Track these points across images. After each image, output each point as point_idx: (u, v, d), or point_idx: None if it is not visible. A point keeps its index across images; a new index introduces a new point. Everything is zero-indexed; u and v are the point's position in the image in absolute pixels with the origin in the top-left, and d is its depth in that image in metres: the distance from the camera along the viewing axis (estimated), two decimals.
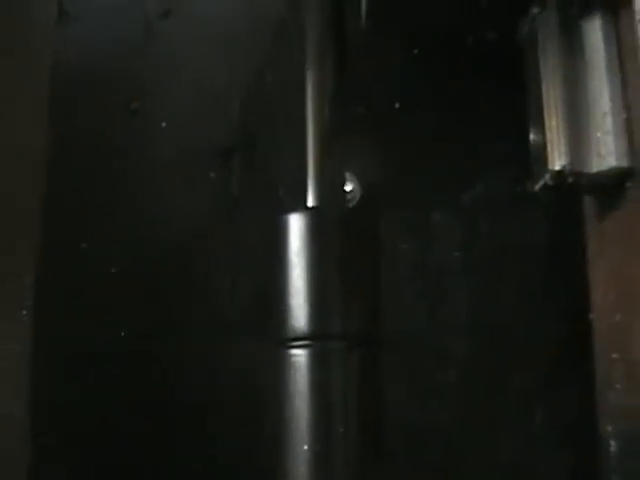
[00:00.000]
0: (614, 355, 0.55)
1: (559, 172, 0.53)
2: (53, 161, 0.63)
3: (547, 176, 0.53)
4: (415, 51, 0.63)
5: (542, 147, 0.55)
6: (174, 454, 0.59)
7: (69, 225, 0.63)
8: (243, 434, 0.58)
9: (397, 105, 0.63)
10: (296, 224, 0.48)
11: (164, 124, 0.64)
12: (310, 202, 0.50)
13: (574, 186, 0.53)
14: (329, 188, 0.50)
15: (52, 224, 0.62)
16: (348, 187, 0.59)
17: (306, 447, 0.45)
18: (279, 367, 0.48)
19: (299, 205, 0.50)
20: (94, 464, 0.59)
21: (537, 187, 0.55)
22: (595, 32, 0.54)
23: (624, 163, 0.52)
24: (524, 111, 0.59)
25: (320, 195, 0.50)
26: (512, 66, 0.60)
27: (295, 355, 0.48)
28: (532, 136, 0.58)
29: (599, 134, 0.53)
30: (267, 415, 0.56)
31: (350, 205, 0.57)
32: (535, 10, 0.57)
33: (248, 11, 0.66)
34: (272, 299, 0.50)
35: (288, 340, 0.48)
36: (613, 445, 0.54)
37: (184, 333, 0.61)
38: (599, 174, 0.53)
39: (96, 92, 0.65)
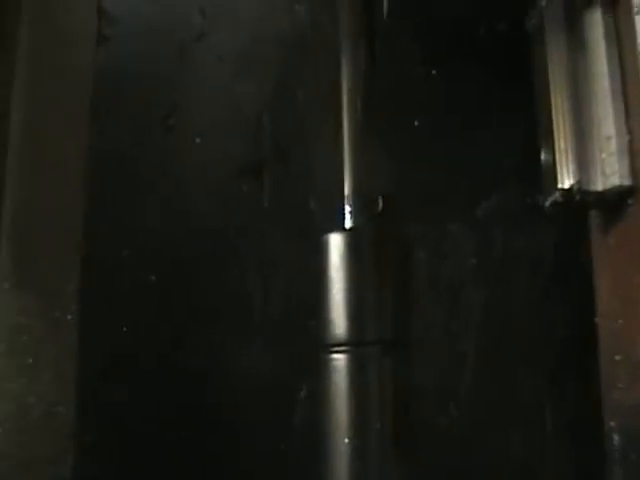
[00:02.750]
0: (617, 357, 0.57)
1: (568, 190, 0.56)
2: (95, 175, 0.65)
3: (557, 194, 0.57)
4: (431, 69, 0.65)
5: (552, 167, 0.57)
6: (219, 454, 0.60)
7: (110, 236, 0.64)
8: (276, 433, 0.60)
9: (416, 123, 0.64)
10: (336, 244, 0.52)
11: (198, 140, 0.66)
12: (348, 223, 0.53)
13: (581, 202, 0.56)
14: (365, 207, 0.54)
15: (94, 236, 0.63)
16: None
17: (347, 440, 0.49)
18: (321, 370, 0.52)
19: (337, 225, 0.53)
20: (137, 463, 0.60)
21: (547, 203, 0.58)
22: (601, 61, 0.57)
23: (626, 182, 0.55)
24: (534, 128, 0.62)
25: (358, 215, 0.53)
26: (524, 84, 0.63)
27: (336, 359, 0.52)
28: (543, 156, 0.60)
29: (604, 155, 0.56)
30: (306, 413, 0.58)
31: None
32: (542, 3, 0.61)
33: (277, 34, 0.68)
34: (314, 310, 0.53)
35: (330, 346, 0.52)
36: (616, 439, 0.57)
37: (219, 340, 0.62)
38: (604, 192, 0.56)
39: (134, 109, 0.67)
